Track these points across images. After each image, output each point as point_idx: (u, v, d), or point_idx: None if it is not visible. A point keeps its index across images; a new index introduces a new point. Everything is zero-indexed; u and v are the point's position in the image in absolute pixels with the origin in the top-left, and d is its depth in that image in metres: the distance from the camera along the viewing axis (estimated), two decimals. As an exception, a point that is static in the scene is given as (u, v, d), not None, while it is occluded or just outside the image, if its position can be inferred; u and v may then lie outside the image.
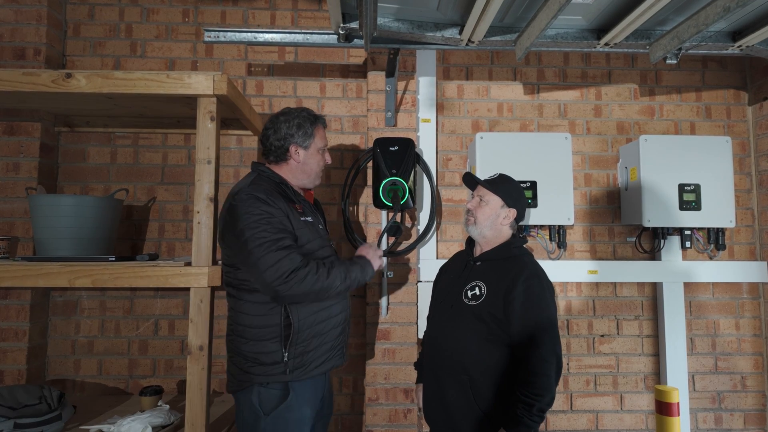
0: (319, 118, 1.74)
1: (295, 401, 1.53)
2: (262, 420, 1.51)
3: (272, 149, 1.68)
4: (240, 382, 1.55)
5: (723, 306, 2.49)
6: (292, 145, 1.67)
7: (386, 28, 1.90)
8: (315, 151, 1.71)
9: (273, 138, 1.67)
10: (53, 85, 1.70)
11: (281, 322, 1.53)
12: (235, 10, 2.51)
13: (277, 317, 1.53)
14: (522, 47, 1.93)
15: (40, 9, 2.30)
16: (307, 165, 1.70)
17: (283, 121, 1.67)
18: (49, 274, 1.67)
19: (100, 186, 2.40)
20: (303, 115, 1.69)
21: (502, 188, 1.68)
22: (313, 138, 1.69)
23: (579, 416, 2.43)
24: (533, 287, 1.53)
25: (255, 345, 1.53)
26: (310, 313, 1.57)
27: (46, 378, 2.31)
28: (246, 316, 1.55)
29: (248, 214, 1.49)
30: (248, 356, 1.54)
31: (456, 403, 1.57)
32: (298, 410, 1.54)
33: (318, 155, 1.72)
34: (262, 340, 1.53)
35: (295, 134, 1.66)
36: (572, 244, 2.49)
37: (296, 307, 1.54)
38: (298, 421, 1.54)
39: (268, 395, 1.52)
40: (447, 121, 2.52)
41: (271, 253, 1.45)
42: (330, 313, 1.62)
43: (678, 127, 2.57)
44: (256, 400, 1.52)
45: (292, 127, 1.66)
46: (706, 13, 1.68)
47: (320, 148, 1.72)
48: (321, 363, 1.60)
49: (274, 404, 1.51)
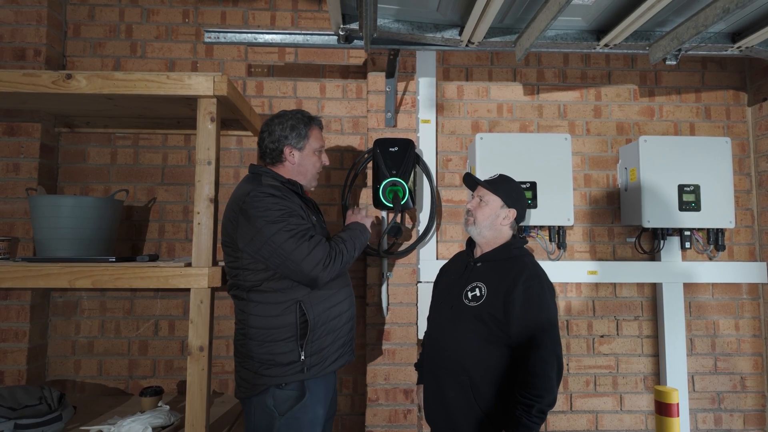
0: (314, 119, 1.74)
1: (310, 401, 1.53)
2: (276, 420, 1.50)
3: (267, 152, 1.68)
4: (254, 386, 1.53)
5: (723, 306, 2.50)
6: (286, 146, 1.67)
7: (386, 29, 1.91)
8: (310, 152, 1.70)
9: (267, 140, 1.68)
10: (53, 86, 1.70)
11: (297, 321, 1.53)
12: (235, 11, 2.52)
13: (291, 316, 1.53)
14: (522, 48, 1.93)
15: (40, 9, 2.30)
16: (302, 166, 1.70)
17: (277, 123, 1.68)
18: (50, 275, 1.67)
19: (100, 186, 2.40)
20: (297, 117, 1.69)
21: (501, 188, 1.68)
22: (307, 139, 1.69)
23: (579, 417, 2.43)
24: (533, 288, 1.53)
25: (270, 346, 1.52)
26: (324, 309, 1.58)
27: (46, 378, 2.31)
28: (258, 317, 1.54)
29: (268, 211, 1.50)
30: (263, 359, 1.53)
31: (456, 403, 1.57)
32: (312, 410, 1.54)
33: (314, 156, 1.72)
34: (276, 341, 1.52)
35: (289, 136, 1.66)
36: (572, 244, 2.49)
37: (311, 305, 1.55)
38: (312, 421, 1.54)
39: (284, 396, 1.51)
40: (447, 122, 2.52)
41: (303, 243, 1.49)
42: (341, 308, 1.63)
43: (677, 128, 2.57)
44: (270, 401, 1.51)
45: (285, 129, 1.66)
46: (706, 14, 1.68)
47: (316, 149, 1.72)
48: (336, 359, 1.61)
49: (289, 405, 1.51)
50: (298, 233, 1.50)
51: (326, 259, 1.51)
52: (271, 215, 1.49)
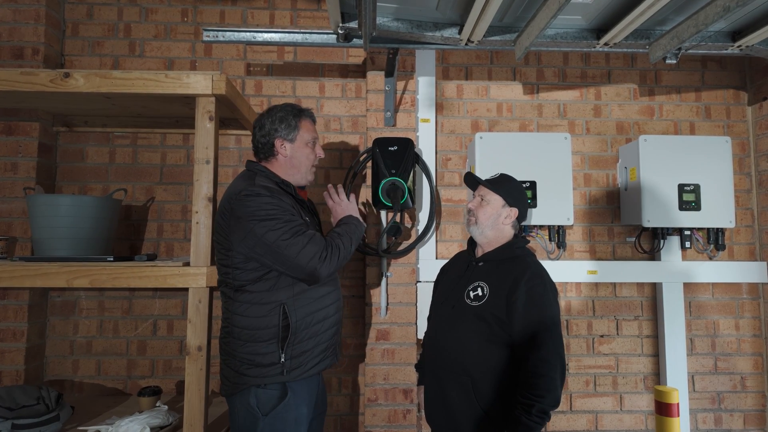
0: (304, 111, 1.72)
1: (293, 401, 1.53)
2: (260, 421, 1.50)
3: (259, 146, 1.68)
4: (236, 385, 1.53)
5: (723, 306, 2.49)
6: (276, 139, 1.65)
7: (385, 28, 1.90)
8: (302, 144, 1.68)
9: (258, 135, 1.67)
10: (51, 85, 1.69)
11: (279, 323, 1.53)
12: (234, 10, 2.51)
13: (275, 318, 1.53)
14: (521, 47, 1.92)
15: (38, 8, 2.29)
16: (295, 159, 1.68)
17: (267, 117, 1.67)
18: (48, 275, 1.66)
19: (98, 186, 2.39)
20: (286, 109, 1.68)
21: (503, 187, 1.67)
22: (297, 130, 1.67)
23: (578, 417, 2.43)
24: (536, 288, 1.52)
25: (252, 346, 1.52)
26: (307, 313, 1.56)
27: (44, 378, 2.31)
28: (242, 317, 1.54)
29: (259, 210, 1.49)
30: (245, 358, 1.52)
31: (458, 404, 1.56)
32: (295, 409, 1.53)
33: (306, 148, 1.69)
34: (258, 341, 1.52)
35: (279, 128, 1.65)
36: (572, 244, 2.48)
37: (294, 308, 1.54)
38: (296, 420, 1.54)
39: (267, 396, 1.51)
40: (446, 121, 2.52)
41: (296, 238, 1.49)
42: (326, 313, 1.62)
43: (677, 127, 2.57)
44: (253, 401, 1.50)
45: (275, 122, 1.65)
46: (706, 12, 1.68)
47: (308, 141, 1.69)
48: (318, 362, 1.59)
49: (272, 405, 1.50)
50: (290, 229, 1.49)
51: (322, 252, 1.51)
52: (261, 214, 1.49)
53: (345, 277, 2.40)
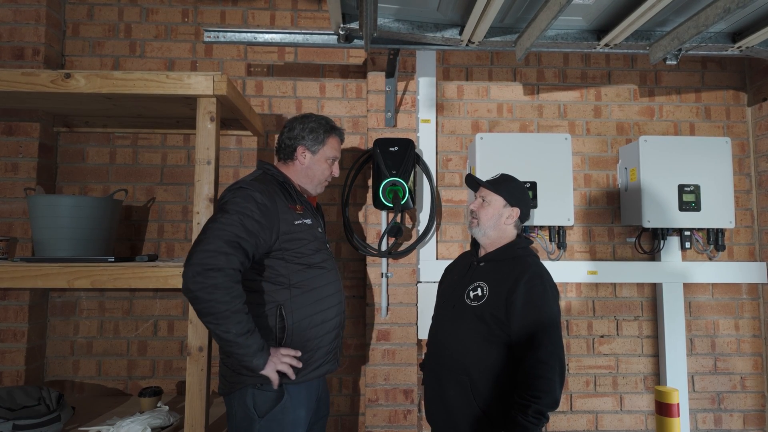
0: (336, 129, 1.75)
1: (290, 403, 1.52)
2: (256, 423, 1.49)
3: (282, 146, 1.71)
4: (232, 384, 1.53)
5: (722, 307, 2.50)
6: (300, 146, 1.68)
7: (386, 29, 1.90)
8: (322, 158, 1.71)
9: (285, 135, 1.70)
10: (52, 85, 1.69)
11: (275, 325, 1.53)
12: (235, 11, 2.51)
13: (272, 319, 1.53)
14: (522, 48, 1.93)
15: (39, 9, 2.29)
16: (311, 170, 1.70)
17: (299, 122, 1.70)
18: (48, 275, 1.67)
19: (99, 186, 2.39)
20: (320, 122, 1.71)
21: (504, 188, 1.68)
22: (323, 145, 1.70)
23: (578, 417, 2.43)
24: (535, 288, 1.52)
25: None
26: (305, 315, 1.55)
27: (44, 379, 2.30)
28: None
29: (232, 203, 1.49)
30: None
31: (456, 403, 1.56)
32: (293, 412, 1.53)
33: (325, 164, 1.72)
34: None
35: (306, 137, 1.68)
36: (572, 244, 2.48)
37: (291, 311, 1.54)
38: (293, 423, 1.53)
39: (263, 397, 1.50)
40: (447, 122, 2.52)
41: (220, 240, 1.39)
42: (326, 316, 1.61)
43: (677, 128, 2.57)
44: (250, 402, 1.50)
45: (305, 130, 1.68)
46: (706, 14, 1.68)
47: (329, 157, 1.72)
48: (317, 367, 1.58)
49: (269, 406, 1.50)
50: (229, 232, 1.41)
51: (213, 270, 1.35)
52: (228, 206, 1.48)
53: (346, 277, 2.40)
